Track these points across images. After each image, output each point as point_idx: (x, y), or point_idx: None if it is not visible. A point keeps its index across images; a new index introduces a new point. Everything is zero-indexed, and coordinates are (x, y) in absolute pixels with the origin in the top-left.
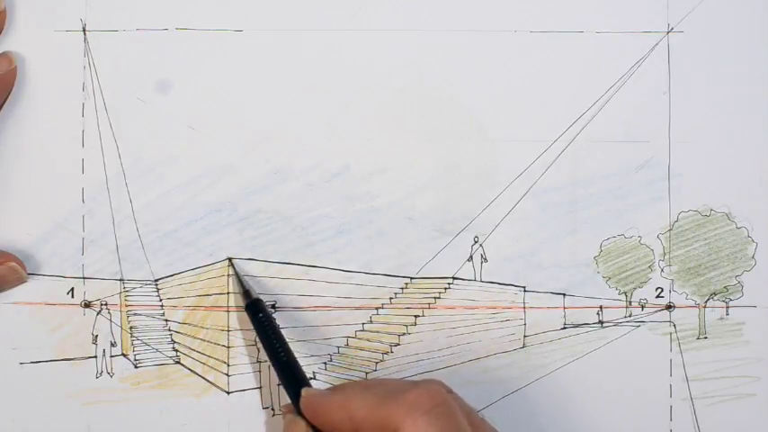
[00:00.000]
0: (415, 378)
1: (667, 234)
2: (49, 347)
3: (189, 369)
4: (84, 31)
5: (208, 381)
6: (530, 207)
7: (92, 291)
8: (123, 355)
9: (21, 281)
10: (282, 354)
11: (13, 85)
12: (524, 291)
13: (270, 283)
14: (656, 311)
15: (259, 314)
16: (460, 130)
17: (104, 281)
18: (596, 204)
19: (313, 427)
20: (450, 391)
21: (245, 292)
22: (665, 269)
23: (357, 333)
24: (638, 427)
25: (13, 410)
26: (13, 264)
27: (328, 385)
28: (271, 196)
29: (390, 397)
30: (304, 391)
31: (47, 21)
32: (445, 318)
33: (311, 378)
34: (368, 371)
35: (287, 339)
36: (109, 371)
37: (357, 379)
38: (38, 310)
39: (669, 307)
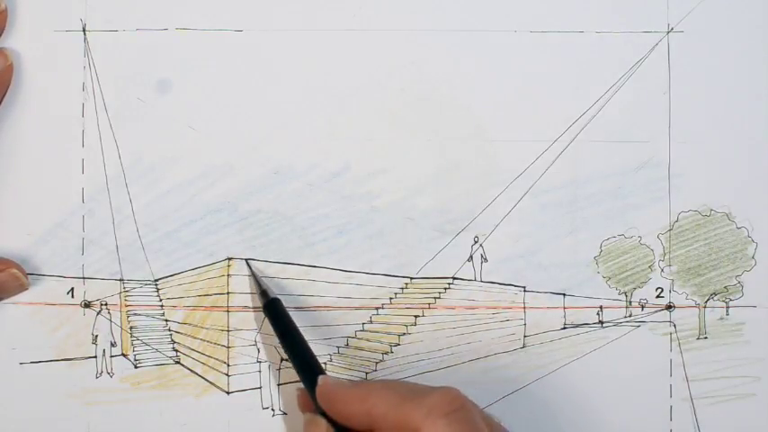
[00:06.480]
0: (416, 378)
1: (667, 234)
2: (49, 347)
3: (189, 369)
4: (84, 31)
5: (208, 381)
6: (530, 207)
7: (92, 291)
8: (123, 355)
9: (22, 288)
10: (300, 346)
11: (9, 83)
12: (524, 291)
13: (270, 283)
14: (656, 311)
15: (277, 315)
16: (460, 130)
17: (104, 281)
18: (596, 204)
19: (334, 426)
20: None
21: (263, 292)
22: (665, 269)
23: (357, 333)
24: (638, 427)
25: (13, 410)
26: (15, 270)
27: None
28: (271, 196)
29: (411, 398)
30: (320, 379)
31: (47, 21)
32: (445, 318)
33: None
34: (368, 371)
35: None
36: (109, 371)
37: (358, 379)
38: (38, 310)
39: (669, 307)
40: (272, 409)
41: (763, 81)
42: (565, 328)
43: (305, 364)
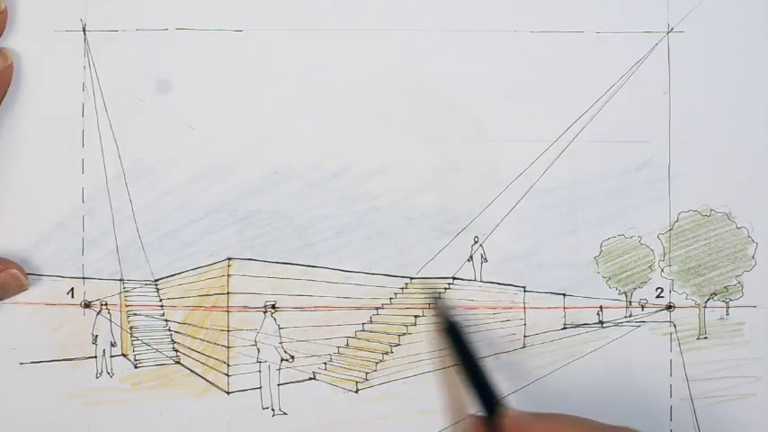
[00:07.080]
0: (416, 378)
1: (667, 234)
2: (49, 347)
3: (189, 369)
4: (84, 31)
5: (208, 381)
6: (530, 207)
7: (92, 291)
8: (123, 355)
9: (22, 288)
10: (482, 374)
11: (9, 83)
12: (524, 291)
13: (270, 283)
14: (656, 311)
15: (459, 339)
16: (460, 130)
17: (104, 281)
18: (596, 204)
19: None
20: None
21: (443, 313)
22: (665, 269)
23: (357, 333)
24: (638, 427)
25: (13, 410)
26: (15, 271)
27: (328, 385)
28: (271, 196)
29: None
30: (509, 412)
31: (47, 21)
32: None
33: (311, 378)
34: (368, 371)
35: (287, 339)
36: (109, 371)
37: (360, 380)
38: (38, 310)
39: (669, 307)
40: (272, 409)
41: (763, 81)
42: (565, 328)
43: (485, 392)
